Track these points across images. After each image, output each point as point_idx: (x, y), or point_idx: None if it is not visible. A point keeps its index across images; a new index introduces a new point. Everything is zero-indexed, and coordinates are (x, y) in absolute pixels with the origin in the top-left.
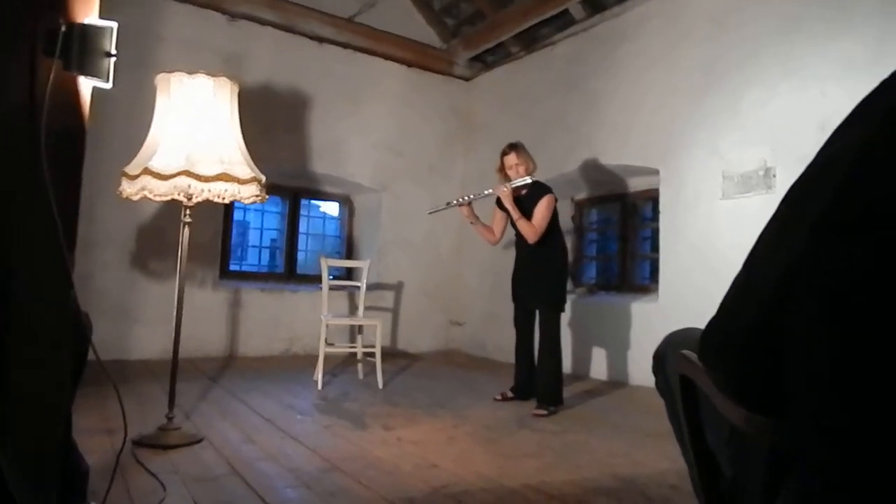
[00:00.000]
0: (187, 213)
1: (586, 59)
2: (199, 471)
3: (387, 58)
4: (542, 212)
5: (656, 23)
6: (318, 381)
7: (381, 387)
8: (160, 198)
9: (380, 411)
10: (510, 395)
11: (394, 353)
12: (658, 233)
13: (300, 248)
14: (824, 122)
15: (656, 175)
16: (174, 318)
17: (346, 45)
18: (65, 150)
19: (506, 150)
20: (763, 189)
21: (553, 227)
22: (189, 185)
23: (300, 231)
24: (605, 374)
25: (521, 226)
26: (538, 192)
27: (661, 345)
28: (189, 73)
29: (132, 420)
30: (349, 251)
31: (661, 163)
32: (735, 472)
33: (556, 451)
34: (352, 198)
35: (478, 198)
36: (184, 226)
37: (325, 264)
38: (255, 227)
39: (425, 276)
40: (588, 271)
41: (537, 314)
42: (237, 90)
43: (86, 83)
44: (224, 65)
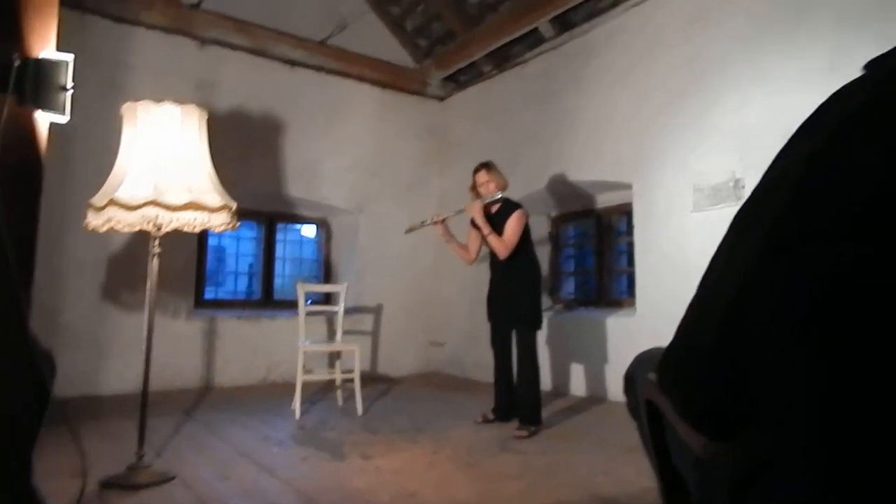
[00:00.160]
0: (156, 243)
1: (557, 76)
2: None
3: (360, 79)
4: (513, 227)
5: (623, 39)
6: (296, 410)
7: (360, 413)
8: (128, 229)
9: (359, 439)
10: (491, 416)
11: (374, 377)
12: (633, 246)
13: (277, 273)
14: (788, 131)
15: (629, 189)
16: (144, 353)
17: (319, 68)
18: (21, 184)
19: (477, 169)
20: (733, 200)
21: (526, 245)
22: (157, 215)
23: (277, 256)
24: (584, 389)
25: (492, 241)
26: (509, 208)
27: (630, 365)
28: (156, 102)
29: (102, 459)
30: (327, 274)
31: (633, 177)
32: (702, 494)
33: (537, 472)
34: (328, 220)
35: (452, 215)
36: (153, 257)
37: (302, 290)
38: (232, 253)
39: (405, 297)
40: (566, 287)
41: (514, 333)
42: (206, 117)
43: (43, 117)
44: (195, 91)
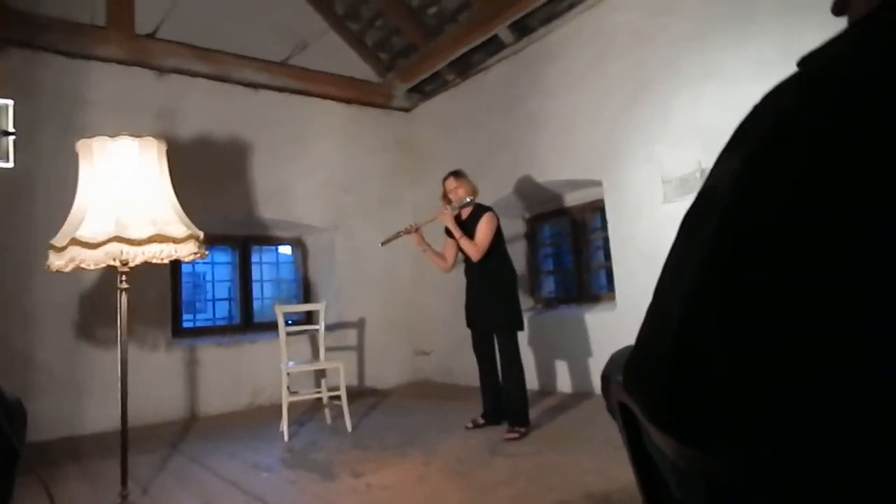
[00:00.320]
0: (123, 279)
1: (520, 81)
2: None
3: (325, 97)
4: (483, 229)
5: (580, 41)
6: (283, 432)
7: (349, 430)
8: (94, 266)
9: (348, 457)
10: (481, 421)
11: (362, 392)
12: (608, 242)
13: (256, 295)
14: None
15: (600, 186)
16: (119, 390)
17: (283, 89)
18: None
19: (446, 177)
20: None
21: (499, 248)
22: (122, 251)
23: (254, 278)
24: (570, 386)
25: (464, 244)
26: (480, 212)
27: (606, 365)
28: (111, 136)
29: (85, 502)
30: (307, 293)
31: (602, 174)
32: (682, 496)
33: (529, 475)
34: (304, 240)
35: (425, 223)
36: (121, 292)
37: (280, 311)
38: (208, 280)
39: (387, 310)
40: (547, 285)
41: (495, 338)
42: (164, 147)
43: None
44: (157, 121)
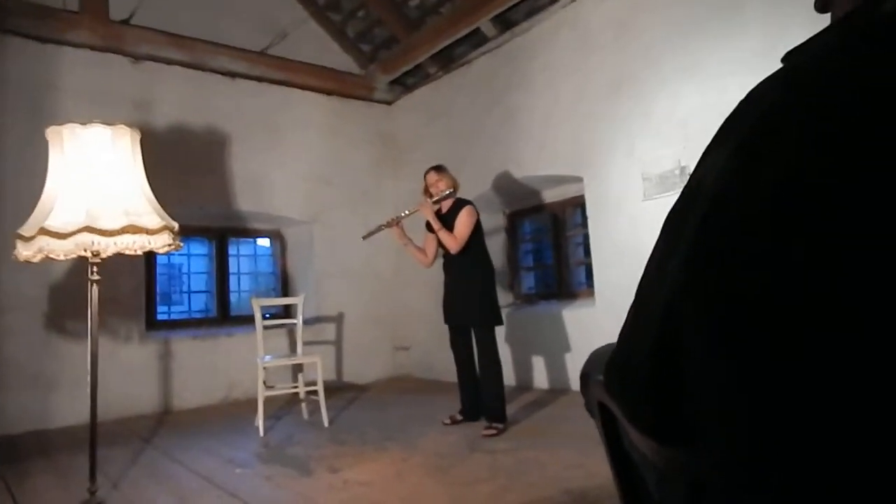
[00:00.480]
0: (95, 270)
1: (502, 75)
2: None
3: (305, 88)
4: (463, 221)
5: (561, 36)
6: (259, 427)
7: (326, 425)
8: (64, 257)
9: (326, 453)
10: (459, 417)
11: (340, 387)
12: (588, 238)
13: (234, 288)
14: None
15: (581, 182)
16: (89, 382)
17: (261, 79)
18: None
19: (427, 171)
20: (680, 187)
21: (477, 242)
22: (93, 242)
23: (232, 271)
24: (547, 382)
25: (443, 236)
26: (460, 205)
27: (585, 363)
28: (82, 124)
29: (52, 497)
30: (285, 286)
31: (583, 170)
32: (661, 496)
33: (508, 471)
34: (282, 232)
35: (406, 216)
36: (91, 284)
37: (257, 305)
38: (185, 272)
39: (366, 304)
40: (527, 281)
41: (473, 333)
42: (138, 136)
43: None
44: (132, 109)
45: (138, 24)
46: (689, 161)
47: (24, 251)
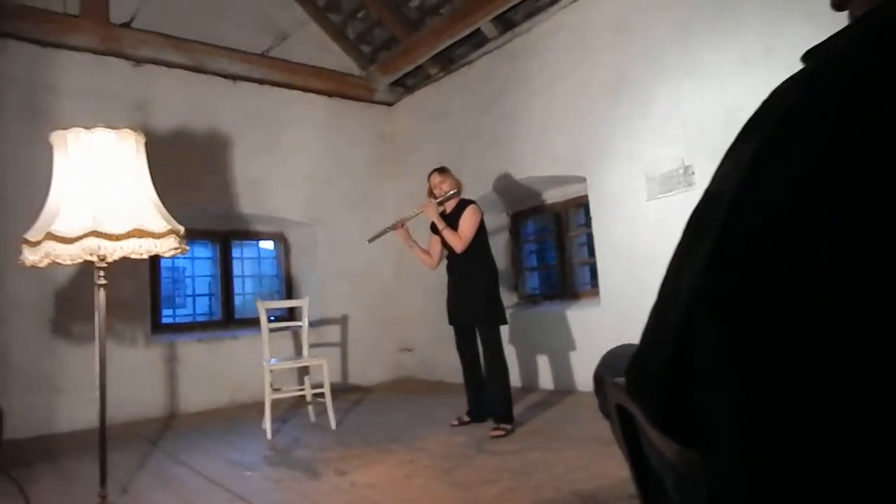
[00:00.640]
0: (101, 274)
1: (503, 75)
2: None
3: (305, 90)
4: (467, 220)
5: (563, 36)
6: (266, 430)
7: (333, 427)
8: (70, 261)
9: (333, 455)
10: (466, 418)
11: (346, 389)
12: (592, 238)
13: (238, 290)
14: (728, 116)
15: (584, 182)
16: (97, 387)
17: (262, 81)
18: None
19: (430, 173)
20: (684, 187)
21: (481, 242)
22: (99, 246)
23: (235, 274)
24: (552, 383)
25: (448, 235)
26: (464, 205)
27: (598, 365)
28: (87, 128)
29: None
30: (289, 288)
31: (586, 170)
32: (680, 498)
33: (514, 473)
34: (285, 234)
35: (411, 217)
36: (98, 288)
37: (262, 308)
38: (189, 275)
39: (370, 306)
40: (531, 281)
41: (478, 333)
42: (143, 140)
43: None
44: (133, 112)
45: (139, 27)
46: (693, 161)
47: (31, 256)
